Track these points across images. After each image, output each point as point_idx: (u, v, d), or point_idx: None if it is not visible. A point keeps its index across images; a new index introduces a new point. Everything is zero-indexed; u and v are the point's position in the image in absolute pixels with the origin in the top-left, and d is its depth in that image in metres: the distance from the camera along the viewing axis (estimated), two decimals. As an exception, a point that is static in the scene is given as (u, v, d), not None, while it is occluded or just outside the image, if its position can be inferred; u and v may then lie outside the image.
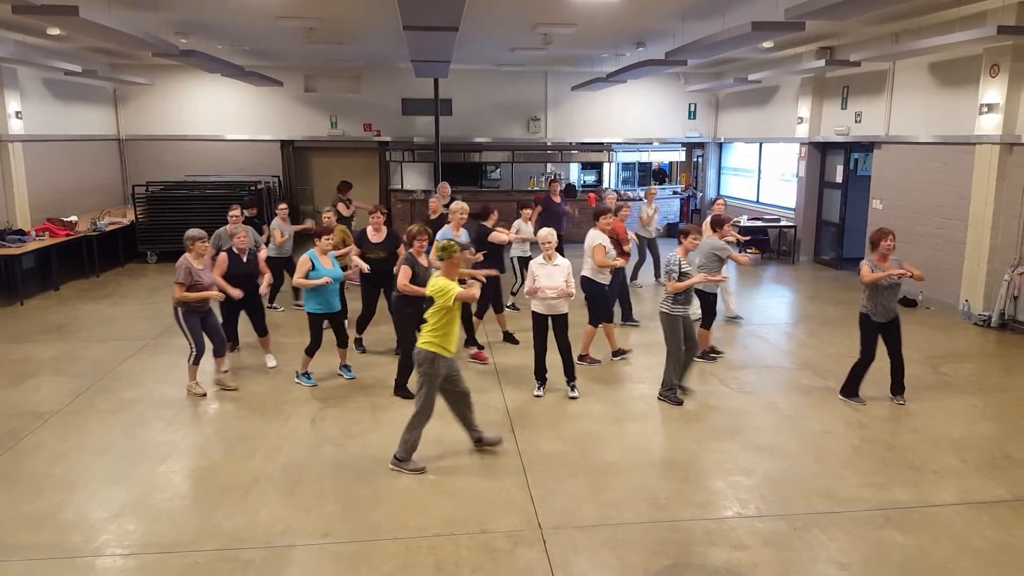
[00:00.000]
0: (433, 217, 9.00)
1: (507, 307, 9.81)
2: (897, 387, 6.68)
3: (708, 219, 7.94)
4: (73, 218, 12.18)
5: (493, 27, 11.03)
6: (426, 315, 5.23)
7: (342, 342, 7.19)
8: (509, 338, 8.45)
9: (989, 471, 5.34)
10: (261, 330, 7.64)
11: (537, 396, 6.75)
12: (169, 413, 6.42)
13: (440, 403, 5.33)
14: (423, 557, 4.25)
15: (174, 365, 7.71)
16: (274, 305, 9.84)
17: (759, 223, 14.39)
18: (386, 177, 17.30)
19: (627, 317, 9.16)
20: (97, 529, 4.55)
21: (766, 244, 14.68)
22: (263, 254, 8.03)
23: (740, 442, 5.86)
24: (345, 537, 4.47)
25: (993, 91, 9.08)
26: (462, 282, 5.50)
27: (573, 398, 6.72)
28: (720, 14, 9.42)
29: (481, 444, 5.61)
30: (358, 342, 8.09)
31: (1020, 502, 4.90)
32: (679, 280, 6.36)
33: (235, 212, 8.53)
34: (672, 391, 6.62)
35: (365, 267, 7.52)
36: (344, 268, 7.39)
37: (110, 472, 5.31)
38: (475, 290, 5.37)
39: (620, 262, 7.82)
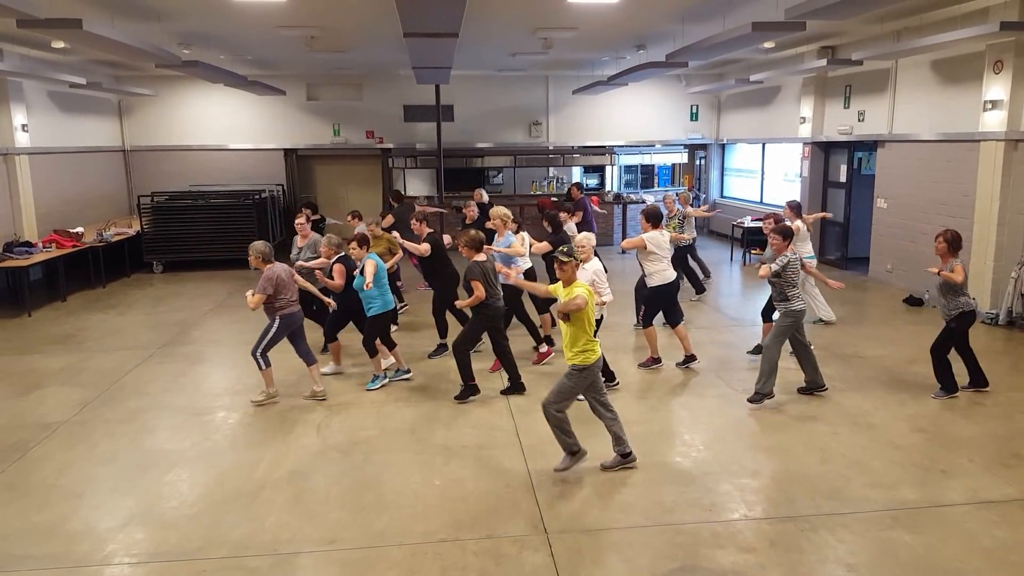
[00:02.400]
0: (468, 222, 9.14)
1: None
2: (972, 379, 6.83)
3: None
4: (79, 229, 12.26)
5: (493, 32, 11.06)
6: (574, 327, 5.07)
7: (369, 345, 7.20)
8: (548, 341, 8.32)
9: (998, 470, 5.30)
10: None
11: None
12: (175, 422, 6.43)
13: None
14: (429, 563, 4.25)
15: (180, 374, 7.74)
16: None
17: (762, 224, 14.32)
18: (389, 184, 17.34)
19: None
20: (104, 538, 4.56)
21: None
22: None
23: (746, 444, 5.84)
24: (351, 544, 4.47)
25: (997, 88, 9.05)
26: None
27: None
28: (720, 15, 9.42)
29: (620, 461, 5.38)
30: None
31: (1030, 500, 4.86)
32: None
33: (301, 220, 8.30)
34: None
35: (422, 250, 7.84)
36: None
37: (117, 481, 5.33)
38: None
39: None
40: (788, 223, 8.04)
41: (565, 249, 5.28)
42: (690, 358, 7.69)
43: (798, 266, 6.57)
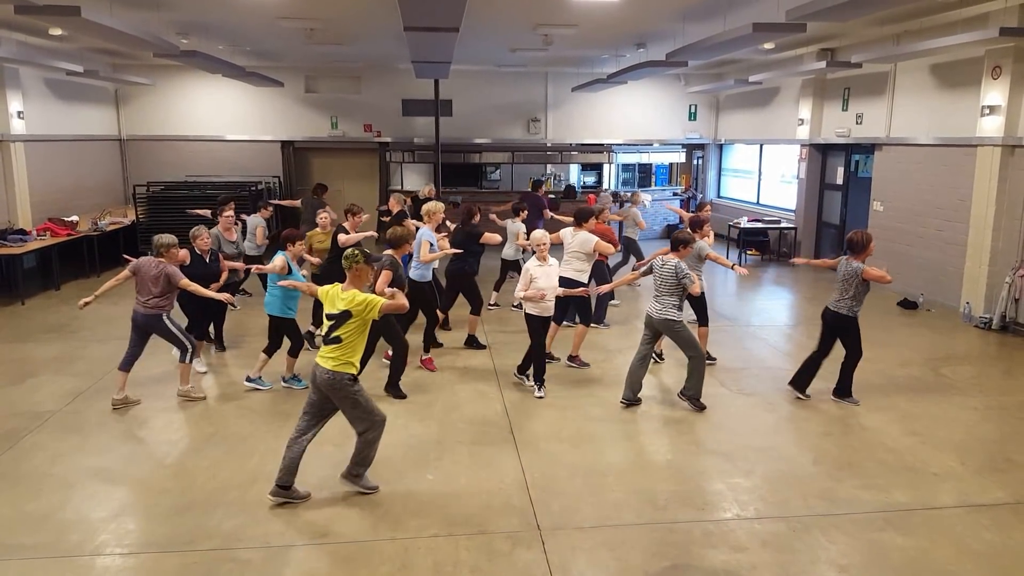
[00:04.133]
0: (394, 212, 9.09)
1: (490, 305, 9.85)
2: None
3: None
4: (74, 218, 12.18)
5: (494, 28, 11.03)
6: (340, 333, 4.62)
7: (296, 351, 6.99)
8: (473, 342, 8.28)
9: (989, 474, 5.33)
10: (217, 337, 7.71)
11: (539, 398, 6.74)
12: (168, 413, 6.41)
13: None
14: (421, 558, 4.25)
15: (174, 365, 7.69)
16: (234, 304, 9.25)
17: (759, 225, 14.38)
18: (386, 178, 17.30)
19: (599, 319, 9.11)
20: (96, 529, 4.54)
21: (766, 246, 14.67)
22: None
23: (739, 443, 5.85)
24: (343, 537, 4.47)
25: (995, 93, 9.07)
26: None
27: (539, 398, 6.73)
28: (721, 15, 9.42)
29: (351, 480, 4.97)
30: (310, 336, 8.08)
31: (1021, 505, 4.88)
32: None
33: (229, 212, 8.46)
34: (699, 397, 6.49)
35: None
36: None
37: (109, 472, 5.31)
38: (400, 299, 4.80)
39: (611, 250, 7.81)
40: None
41: (357, 252, 4.75)
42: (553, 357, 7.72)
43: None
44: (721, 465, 5.47)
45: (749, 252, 14.39)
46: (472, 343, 8.26)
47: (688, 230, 7.05)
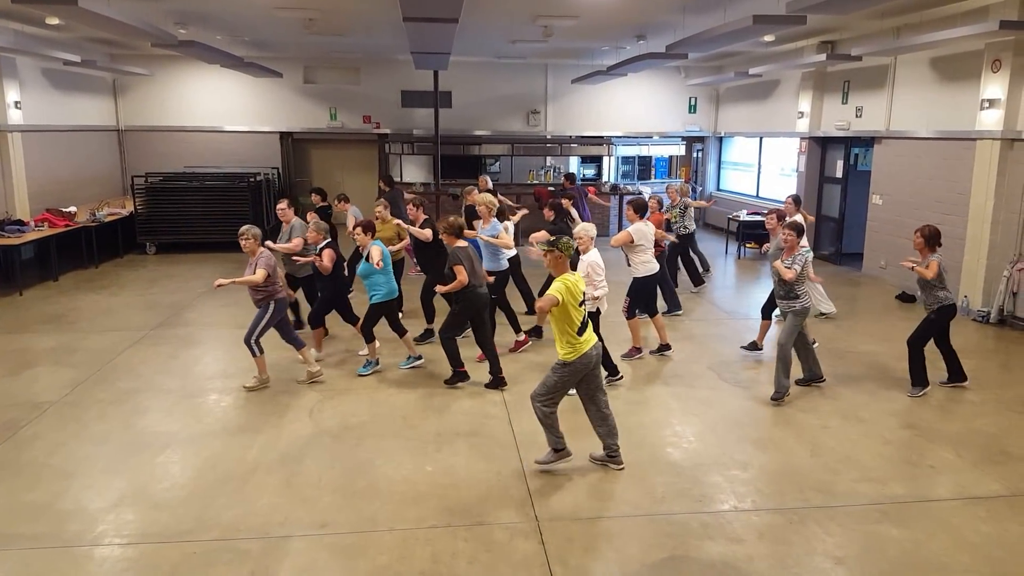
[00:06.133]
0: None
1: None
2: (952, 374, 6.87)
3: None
4: (72, 209, 12.16)
5: (494, 19, 10.99)
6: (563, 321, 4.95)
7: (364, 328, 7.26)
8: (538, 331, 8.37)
9: (986, 466, 5.35)
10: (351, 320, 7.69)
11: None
12: (167, 403, 6.42)
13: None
14: (420, 549, 4.26)
15: (172, 356, 7.72)
16: None
17: (759, 218, 14.36)
18: (385, 170, 17.25)
19: (674, 306, 9.34)
20: (95, 519, 4.56)
21: (765, 239, 14.64)
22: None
23: (736, 436, 5.87)
24: (342, 528, 4.48)
25: (994, 86, 9.06)
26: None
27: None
28: (721, 7, 9.40)
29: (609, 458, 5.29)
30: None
31: (1016, 497, 4.91)
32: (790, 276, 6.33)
33: (283, 205, 8.14)
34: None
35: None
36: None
37: (108, 462, 5.32)
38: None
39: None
40: (790, 218, 8.09)
41: (551, 240, 5.20)
42: (664, 347, 7.83)
43: (809, 261, 6.59)
44: (718, 457, 5.48)
45: (748, 245, 14.39)
46: (536, 333, 8.33)
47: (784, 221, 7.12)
